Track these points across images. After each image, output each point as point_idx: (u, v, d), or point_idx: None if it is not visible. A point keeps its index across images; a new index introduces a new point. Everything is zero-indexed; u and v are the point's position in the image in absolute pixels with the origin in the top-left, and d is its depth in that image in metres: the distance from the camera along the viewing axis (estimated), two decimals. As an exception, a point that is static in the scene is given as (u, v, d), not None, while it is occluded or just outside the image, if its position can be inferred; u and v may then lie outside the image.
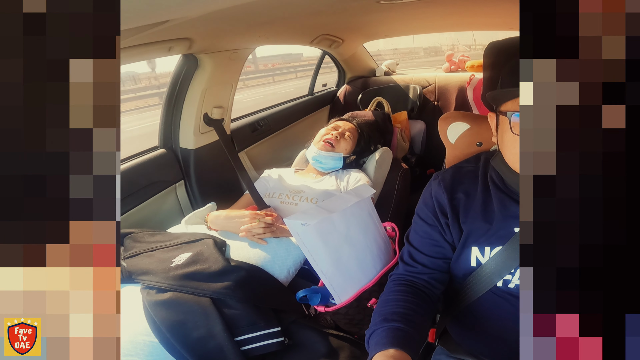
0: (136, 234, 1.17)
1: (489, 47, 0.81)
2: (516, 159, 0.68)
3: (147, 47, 1.11)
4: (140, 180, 1.43)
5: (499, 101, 0.71)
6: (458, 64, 2.56)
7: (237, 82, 1.74)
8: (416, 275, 0.78)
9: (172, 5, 0.74)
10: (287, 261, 1.11)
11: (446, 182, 0.78)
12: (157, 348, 0.85)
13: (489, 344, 0.77)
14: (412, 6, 1.49)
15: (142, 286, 0.96)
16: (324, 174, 1.53)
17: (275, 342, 0.90)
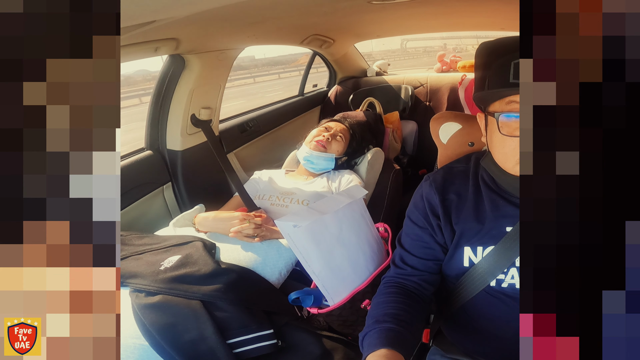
0: (124, 236, 1.15)
1: (480, 47, 0.82)
2: (505, 159, 0.69)
3: (133, 47, 1.09)
4: (127, 182, 1.40)
5: (486, 102, 0.71)
6: (450, 64, 2.58)
7: (226, 82, 1.72)
8: (406, 277, 0.78)
9: (158, 5, 0.73)
10: (279, 263, 1.10)
11: (437, 183, 0.78)
12: (147, 351, 0.83)
13: (483, 344, 0.77)
14: (404, 6, 1.49)
15: (131, 289, 0.95)
16: (315, 175, 1.52)
17: (268, 344, 0.89)
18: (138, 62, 3.05)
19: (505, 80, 0.64)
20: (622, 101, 0.45)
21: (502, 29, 2.10)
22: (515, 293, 0.70)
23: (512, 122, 0.65)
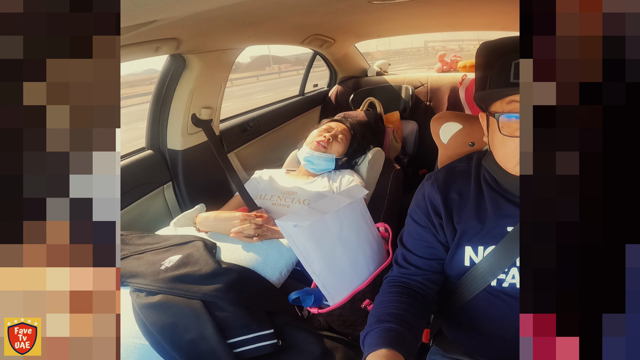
0: (124, 236, 1.15)
1: (481, 47, 0.81)
2: (506, 160, 0.69)
3: (134, 47, 1.09)
4: (128, 182, 1.41)
5: (487, 101, 0.71)
6: (450, 64, 2.58)
7: (226, 82, 1.72)
8: (410, 277, 0.78)
9: (159, 5, 0.73)
10: (279, 263, 1.10)
11: (439, 182, 0.78)
12: (148, 351, 0.84)
13: (484, 344, 0.77)
14: (404, 6, 1.49)
15: (131, 289, 0.95)
16: (316, 175, 1.52)
17: (269, 344, 0.89)
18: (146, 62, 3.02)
19: (505, 80, 0.64)
20: (622, 101, 0.45)
21: (502, 29, 2.09)
22: (515, 293, 0.70)
23: (512, 123, 0.65)
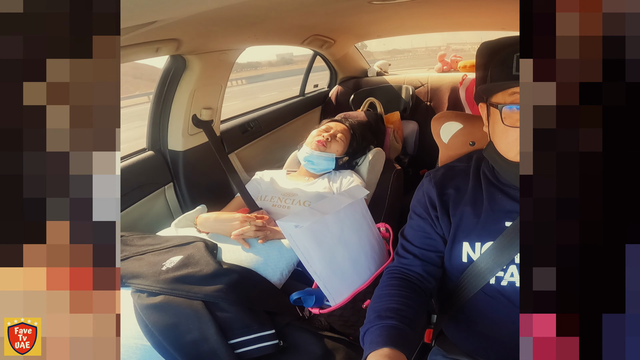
0: (125, 237, 1.15)
1: (481, 46, 0.82)
2: (508, 149, 0.70)
3: (134, 48, 1.10)
4: (129, 183, 1.41)
5: (489, 93, 0.73)
6: (450, 64, 2.57)
7: (227, 82, 1.72)
8: (409, 267, 0.80)
9: (159, 5, 0.73)
10: (280, 263, 1.10)
11: (437, 178, 0.81)
12: (149, 351, 0.84)
13: (484, 344, 0.77)
14: (405, 6, 1.49)
15: (133, 290, 0.95)
16: (317, 176, 1.52)
17: (270, 344, 0.89)
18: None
19: (508, 72, 0.66)
20: (622, 101, 0.45)
21: (502, 29, 2.09)
22: (514, 292, 0.70)
23: (514, 114, 0.66)
